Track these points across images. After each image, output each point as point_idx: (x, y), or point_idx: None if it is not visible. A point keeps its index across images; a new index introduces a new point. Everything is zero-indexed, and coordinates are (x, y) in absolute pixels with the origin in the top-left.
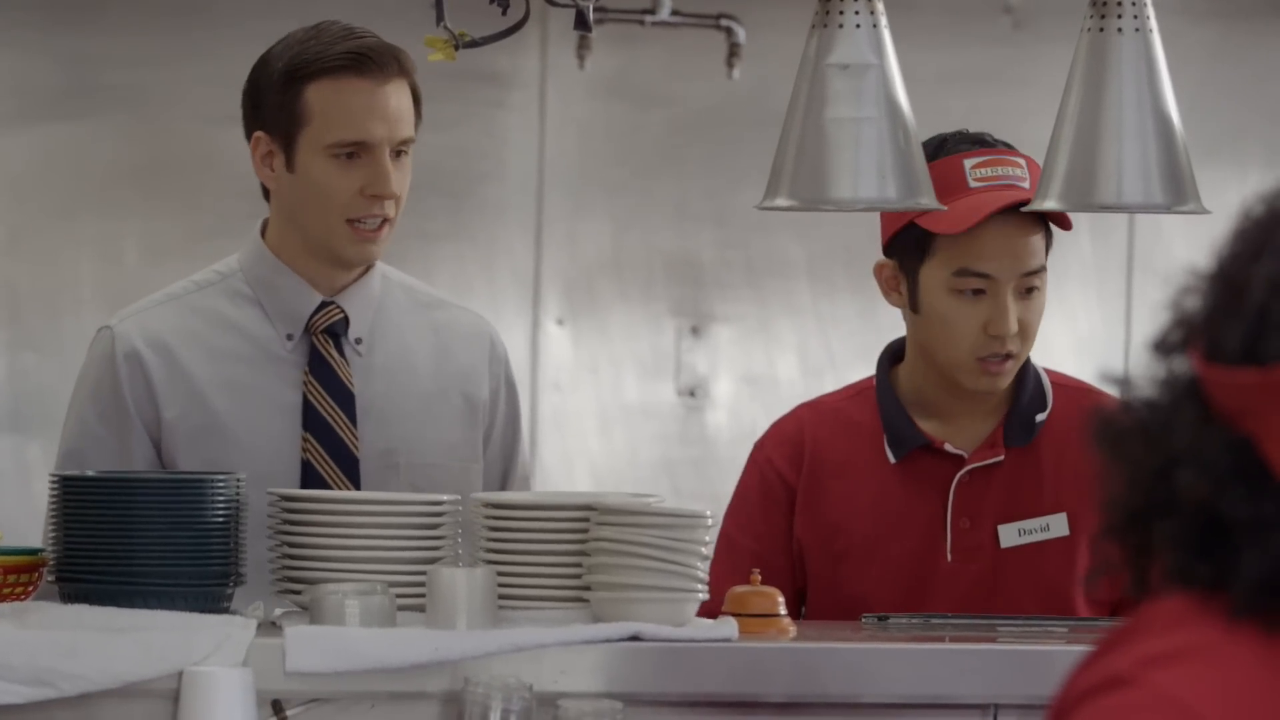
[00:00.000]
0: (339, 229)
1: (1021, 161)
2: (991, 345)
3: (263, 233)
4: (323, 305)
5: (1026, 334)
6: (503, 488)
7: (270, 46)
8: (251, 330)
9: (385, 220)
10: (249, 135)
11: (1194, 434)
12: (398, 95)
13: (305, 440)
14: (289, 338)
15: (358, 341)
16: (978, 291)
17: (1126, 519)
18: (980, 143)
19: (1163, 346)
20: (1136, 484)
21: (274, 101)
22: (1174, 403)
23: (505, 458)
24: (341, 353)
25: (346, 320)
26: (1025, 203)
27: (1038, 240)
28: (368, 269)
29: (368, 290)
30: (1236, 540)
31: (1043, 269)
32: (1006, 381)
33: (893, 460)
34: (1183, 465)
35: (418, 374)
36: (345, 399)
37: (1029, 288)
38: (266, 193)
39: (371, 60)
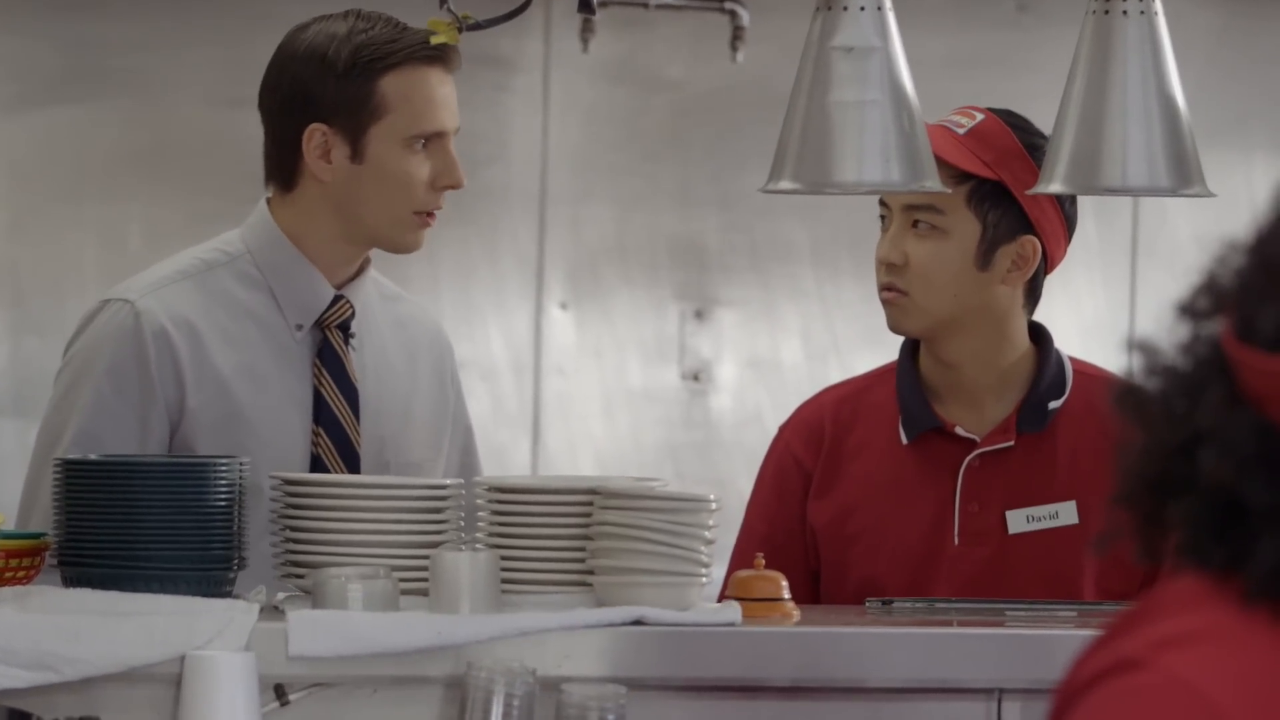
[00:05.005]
0: (407, 218)
1: (977, 115)
2: (881, 274)
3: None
4: (336, 299)
5: (914, 273)
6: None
7: (300, 41)
8: (262, 317)
9: (437, 210)
10: (295, 129)
11: (1220, 414)
12: (453, 86)
13: (316, 433)
14: (298, 328)
15: (352, 336)
16: (888, 221)
17: (1141, 488)
18: (988, 109)
19: (1190, 311)
20: (1155, 454)
21: (337, 92)
22: (1200, 376)
23: (466, 452)
24: (347, 348)
25: (354, 315)
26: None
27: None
28: (366, 264)
29: (365, 286)
30: (1254, 526)
31: (930, 208)
32: (903, 321)
33: (905, 441)
34: (1206, 444)
35: (396, 371)
36: (351, 394)
37: (918, 223)
38: (286, 179)
39: (450, 50)
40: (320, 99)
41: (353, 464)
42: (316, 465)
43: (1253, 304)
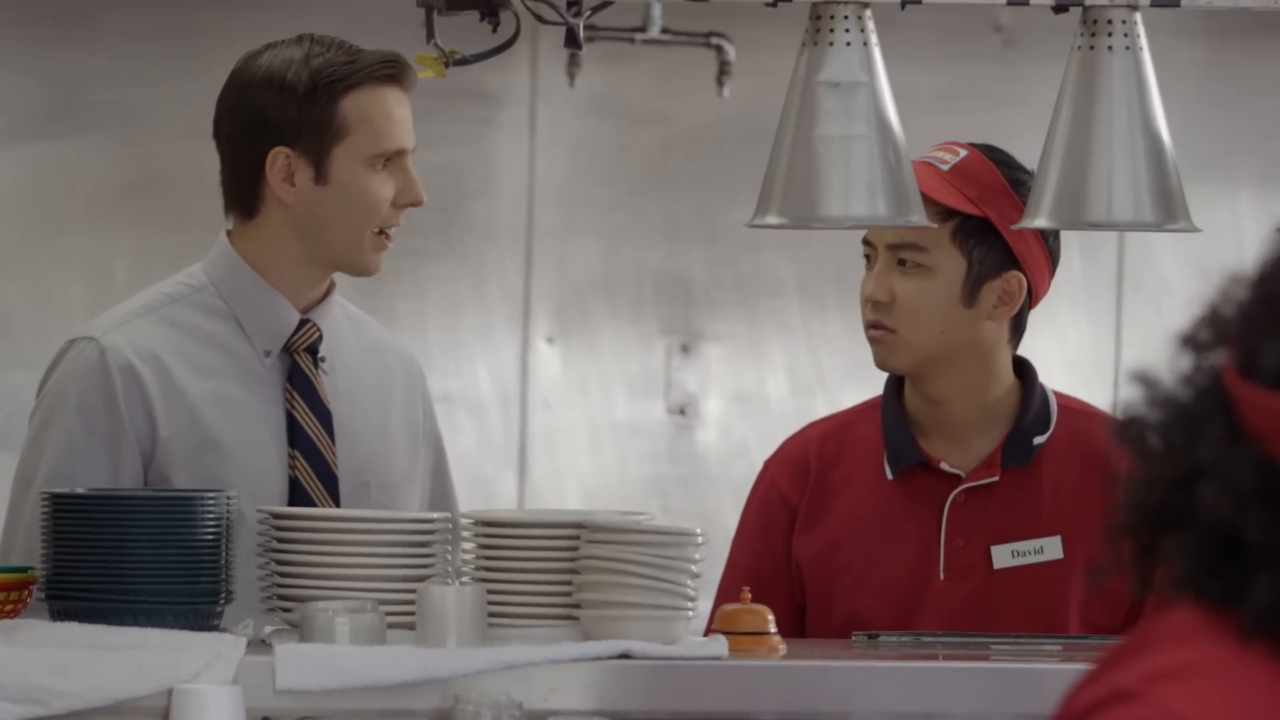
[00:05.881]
0: (369, 239)
1: (961, 151)
2: (867, 312)
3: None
4: (302, 323)
5: (901, 311)
6: (436, 504)
7: (257, 67)
8: (229, 345)
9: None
10: (257, 155)
11: (1221, 449)
12: (409, 106)
13: (293, 457)
14: (266, 354)
15: (321, 359)
16: (873, 259)
17: (1139, 519)
18: (971, 144)
19: (1192, 342)
20: (1154, 487)
21: (299, 115)
22: (1201, 409)
23: (438, 473)
24: (317, 371)
25: (321, 338)
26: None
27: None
28: (331, 288)
29: (332, 309)
30: (1252, 562)
31: (915, 247)
32: (890, 358)
33: (890, 477)
34: (1206, 480)
35: (369, 394)
36: (325, 417)
37: (904, 261)
38: (247, 206)
39: (406, 69)
40: (282, 123)
41: (331, 486)
42: (295, 489)
43: (1255, 340)
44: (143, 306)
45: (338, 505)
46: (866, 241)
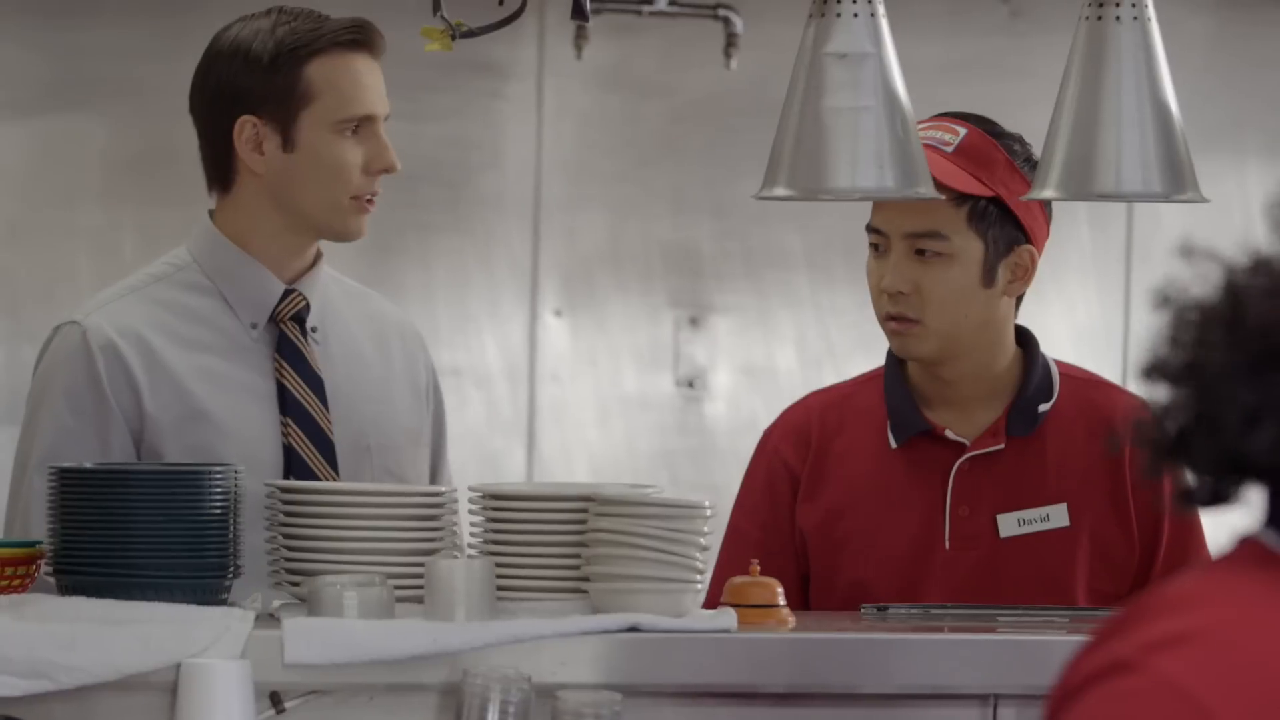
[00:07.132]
0: (345, 204)
1: (959, 129)
2: (885, 303)
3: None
4: (287, 293)
5: (926, 300)
6: (433, 476)
7: (224, 39)
8: (215, 320)
9: (375, 195)
10: (226, 125)
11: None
12: (380, 73)
13: (285, 425)
14: (253, 326)
15: (313, 329)
16: (884, 248)
17: (1185, 369)
18: (957, 115)
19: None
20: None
21: (265, 83)
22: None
23: (435, 445)
24: (306, 340)
25: (308, 307)
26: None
27: (932, 204)
28: (318, 258)
29: (320, 279)
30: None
31: (936, 235)
32: (916, 348)
33: (894, 445)
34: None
35: (367, 361)
36: (316, 384)
37: (922, 250)
38: (223, 179)
39: (374, 34)
40: (248, 91)
41: (327, 451)
42: (290, 456)
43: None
44: (126, 288)
45: (336, 471)
46: (875, 230)
